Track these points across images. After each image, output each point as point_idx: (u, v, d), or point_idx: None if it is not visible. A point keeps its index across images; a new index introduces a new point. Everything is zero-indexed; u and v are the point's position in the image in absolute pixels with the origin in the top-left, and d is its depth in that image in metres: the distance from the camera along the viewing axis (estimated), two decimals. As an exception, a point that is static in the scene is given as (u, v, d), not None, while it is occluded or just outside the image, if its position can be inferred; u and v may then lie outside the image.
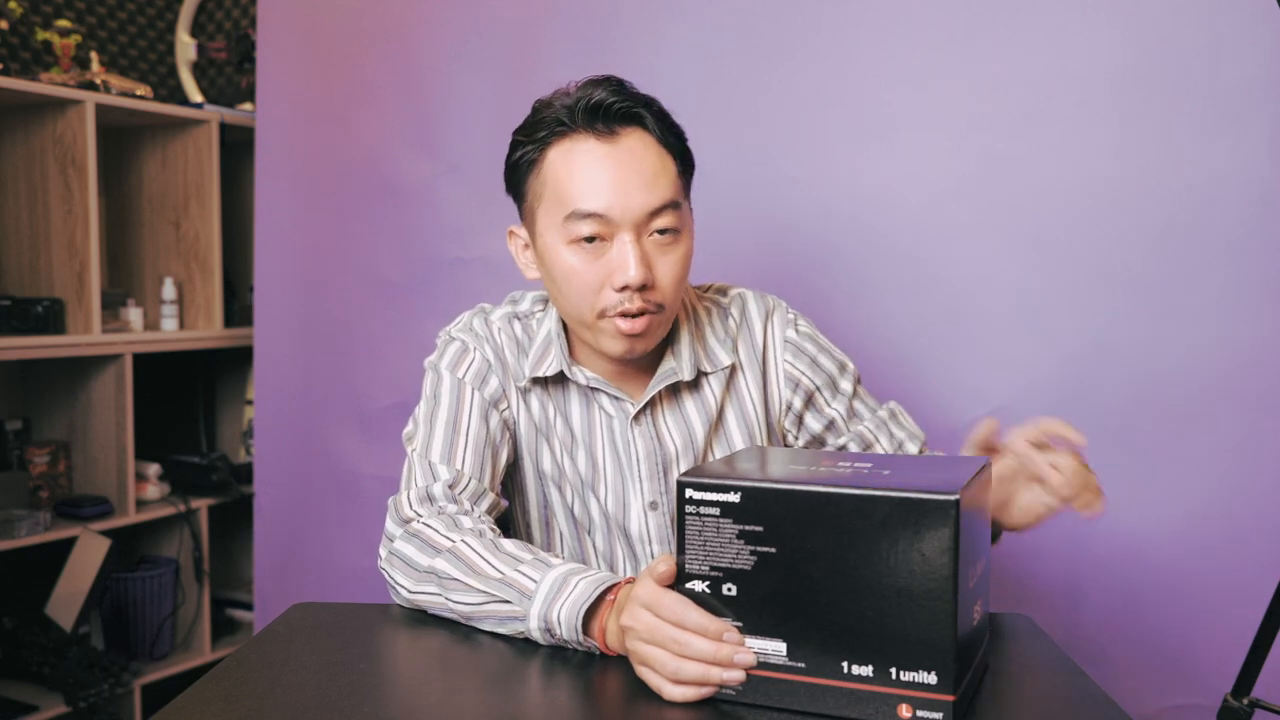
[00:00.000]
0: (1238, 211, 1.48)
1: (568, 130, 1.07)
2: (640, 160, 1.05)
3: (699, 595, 0.80)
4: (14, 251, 2.47)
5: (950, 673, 0.74)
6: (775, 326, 1.21)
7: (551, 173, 1.08)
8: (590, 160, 1.05)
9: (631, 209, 1.05)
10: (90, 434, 2.49)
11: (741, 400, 1.20)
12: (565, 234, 1.07)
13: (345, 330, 2.19)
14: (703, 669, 0.79)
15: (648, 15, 1.84)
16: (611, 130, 1.06)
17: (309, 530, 2.26)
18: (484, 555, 0.97)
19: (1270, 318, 1.47)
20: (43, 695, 2.31)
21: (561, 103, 1.08)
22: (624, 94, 1.07)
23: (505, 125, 2.06)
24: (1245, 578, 1.48)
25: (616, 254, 1.05)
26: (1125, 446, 1.55)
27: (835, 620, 0.76)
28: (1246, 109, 1.46)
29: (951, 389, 1.66)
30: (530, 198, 1.12)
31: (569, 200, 1.06)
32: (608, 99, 1.05)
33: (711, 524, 0.79)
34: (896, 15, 1.65)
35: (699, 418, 1.18)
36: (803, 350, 1.21)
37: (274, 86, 2.28)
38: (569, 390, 1.18)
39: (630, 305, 1.06)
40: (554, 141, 1.08)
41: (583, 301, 1.08)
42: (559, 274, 1.09)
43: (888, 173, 1.67)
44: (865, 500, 0.75)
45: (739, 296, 1.23)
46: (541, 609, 0.90)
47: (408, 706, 0.83)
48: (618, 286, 1.05)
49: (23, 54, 2.63)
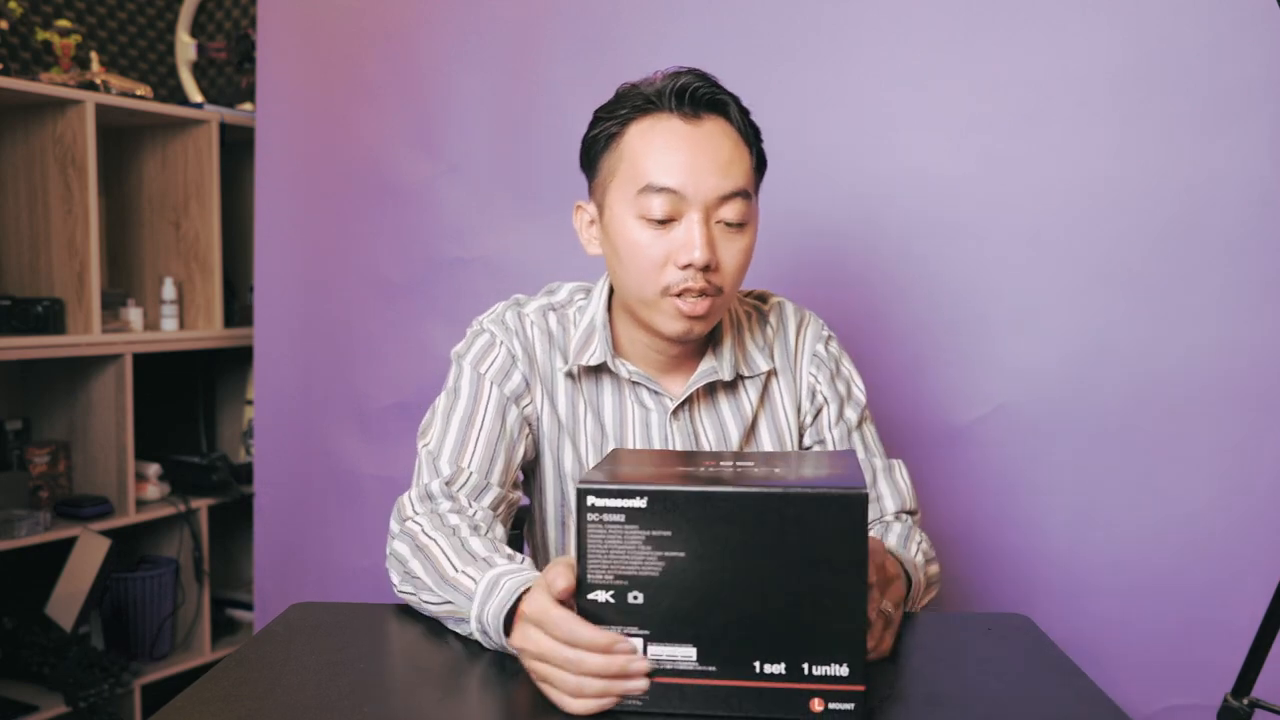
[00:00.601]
0: (1238, 211, 1.48)
1: (652, 108, 1.09)
2: (718, 146, 1.07)
3: (603, 606, 0.78)
4: (14, 251, 2.47)
5: (861, 663, 0.75)
6: (808, 338, 1.23)
7: (630, 147, 1.09)
8: (671, 138, 1.07)
9: (704, 189, 1.06)
10: (90, 434, 2.49)
11: (775, 408, 1.21)
12: (636, 207, 1.08)
13: (345, 330, 2.19)
14: (604, 684, 0.77)
15: (648, 15, 1.84)
16: (696, 113, 1.08)
17: (309, 530, 2.26)
18: (448, 555, 0.98)
19: (1270, 318, 1.47)
20: (43, 695, 2.31)
21: (648, 85, 1.10)
22: (711, 82, 1.10)
23: (505, 125, 2.08)
24: (1245, 578, 1.48)
25: (684, 232, 1.06)
26: (1125, 446, 1.55)
27: (746, 620, 0.76)
28: (1246, 109, 1.46)
29: (951, 389, 1.66)
30: (604, 172, 1.13)
31: (644, 174, 1.07)
32: (695, 83, 1.08)
33: (616, 531, 0.77)
34: (896, 15, 1.65)
35: (734, 421, 1.19)
36: (824, 364, 1.23)
37: (274, 86, 2.28)
38: (603, 384, 1.18)
39: (694, 284, 1.06)
40: (636, 118, 1.09)
41: (646, 278, 1.08)
42: (625, 248, 1.09)
43: (887, 173, 1.67)
44: (778, 498, 0.75)
45: (779, 305, 1.25)
46: (478, 610, 0.90)
47: (408, 706, 0.83)
48: (682, 264, 1.06)
49: (23, 54, 2.63)
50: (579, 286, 1.24)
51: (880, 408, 1.45)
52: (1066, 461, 1.59)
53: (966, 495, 1.65)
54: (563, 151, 1.94)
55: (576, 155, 1.17)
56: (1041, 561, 1.62)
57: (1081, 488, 1.58)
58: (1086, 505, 1.58)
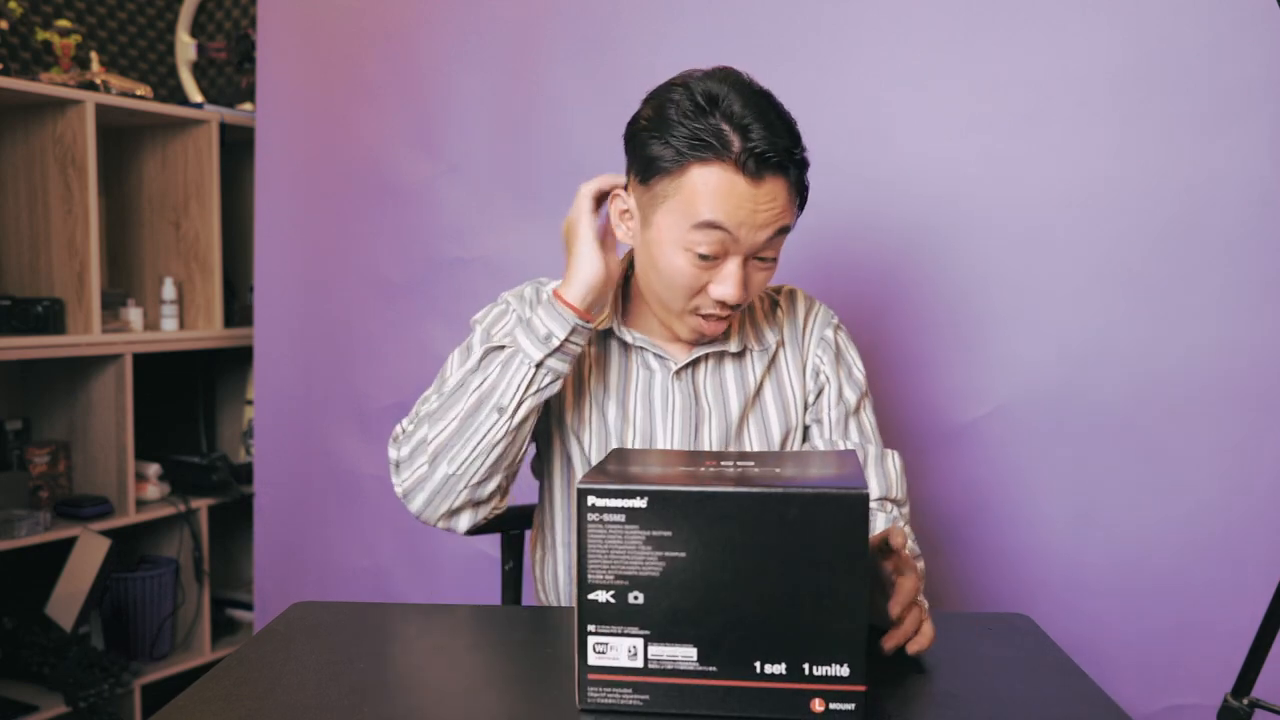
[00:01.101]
0: (1238, 211, 1.48)
1: (719, 157, 1.07)
2: (774, 203, 1.10)
3: (603, 606, 0.78)
4: (14, 251, 2.47)
5: (862, 663, 0.75)
6: (817, 322, 1.29)
7: (691, 187, 1.09)
8: (735, 196, 1.08)
9: (752, 239, 1.11)
10: (90, 434, 2.50)
11: (781, 380, 1.26)
12: (686, 240, 1.11)
13: (345, 330, 2.19)
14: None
15: (648, 15, 1.84)
16: (760, 176, 1.08)
17: (309, 530, 2.26)
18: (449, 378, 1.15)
19: (1270, 318, 1.47)
20: (43, 695, 2.31)
21: (719, 123, 1.07)
22: (777, 148, 1.07)
23: (505, 125, 2.08)
24: (1245, 578, 1.48)
25: (723, 272, 1.12)
26: (1125, 446, 1.55)
27: (747, 621, 0.76)
28: (1246, 109, 1.46)
29: (951, 389, 1.66)
30: (656, 188, 1.12)
31: (703, 213, 1.09)
32: (767, 151, 1.06)
33: (616, 531, 0.77)
34: (896, 15, 1.65)
35: (735, 389, 1.23)
36: (829, 346, 1.28)
37: (274, 86, 2.28)
38: (610, 346, 1.24)
39: (720, 312, 1.15)
40: (703, 160, 1.08)
41: (677, 296, 1.15)
42: (665, 267, 1.14)
43: (887, 173, 1.67)
44: (778, 499, 0.75)
45: (790, 292, 1.32)
46: (524, 329, 1.10)
47: (408, 706, 0.83)
48: (715, 298, 1.13)
49: (23, 54, 2.63)
50: None
51: (880, 407, 1.45)
52: (1066, 461, 1.59)
53: (966, 495, 1.65)
54: (563, 151, 1.94)
55: (576, 155, 1.18)
56: (1041, 561, 1.62)
57: (1081, 488, 1.58)
58: (1086, 505, 1.58)
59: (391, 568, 2.15)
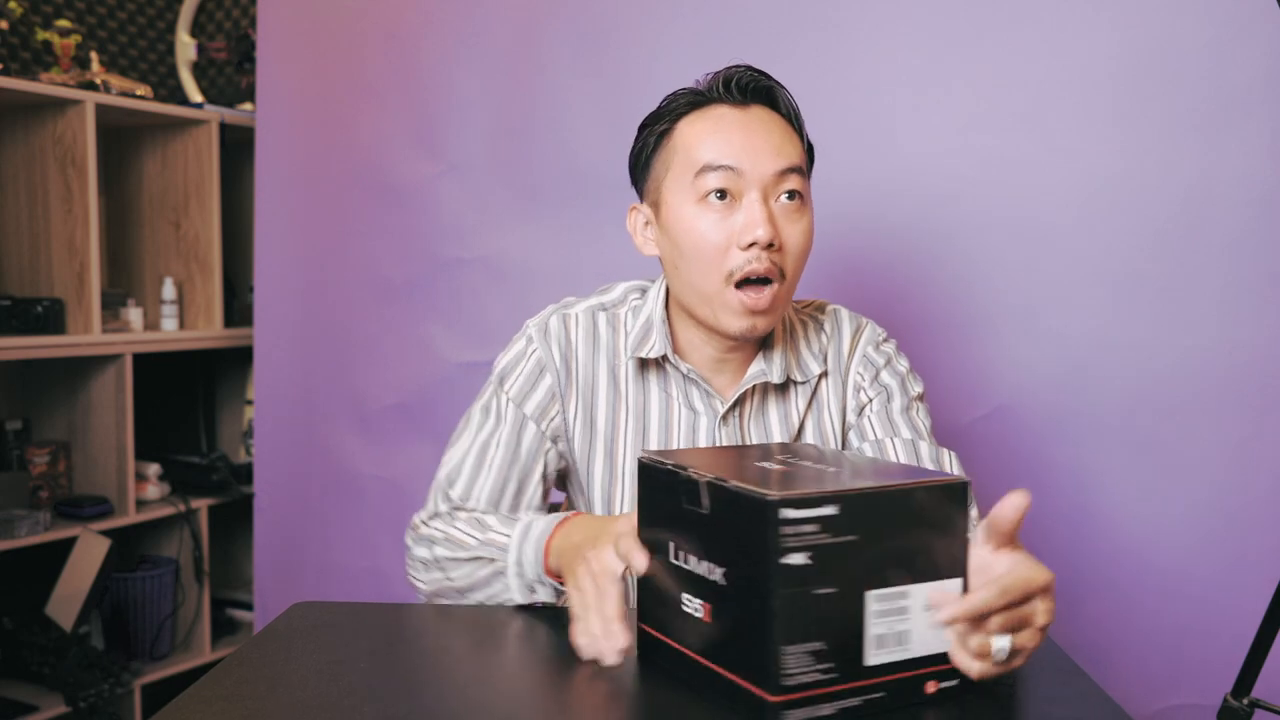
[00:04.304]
0: (1238, 211, 1.48)
1: (701, 101, 1.11)
2: (769, 128, 1.08)
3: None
4: (14, 251, 2.47)
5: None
6: (861, 343, 1.21)
7: (683, 139, 1.10)
8: (723, 122, 1.09)
9: (760, 167, 1.07)
10: (90, 434, 2.50)
11: (820, 413, 1.20)
12: (696, 191, 1.08)
13: (345, 330, 2.19)
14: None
15: (648, 15, 1.84)
16: (744, 101, 1.10)
17: (309, 530, 2.26)
18: (468, 531, 1.07)
19: (1270, 318, 1.47)
20: (43, 695, 2.31)
21: (695, 84, 1.13)
22: (758, 72, 1.12)
23: (505, 125, 2.08)
24: (1245, 578, 1.48)
25: (745, 213, 1.07)
26: (1125, 446, 1.55)
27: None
28: (1246, 109, 1.46)
29: (951, 389, 1.66)
30: (657, 170, 1.13)
31: (700, 156, 1.08)
32: (742, 73, 1.10)
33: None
34: (896, 15, 1.65)
35: (780, 428, 1.18)
36: (871, 364, 1.20)
37: (274, 86, 2.28)
38: (649, 387, 1.17)
39: (759, 264, 1.06)
40: (687, 113, 1.12)
41: (710, 266, 1.07)
42: (686, 238, 1.09)
43: (887, 172, 1.67)
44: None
45: (835, 312, 1.24)
46: (515, 555, 1.00)
47: (408, 706, 0.83)
48: (745, 243, 1.06)
49: (23, 54, 2.63)
50: (634, 286, 1.22)
51: (880, 408, 1.45)
52: (1066, 461, 1.59)
53: (966, 495, 1.65)
54: (563, 151, 1.94)
55: (577, 155, 1.18)
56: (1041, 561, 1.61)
57: (1081, 488, 1.58)
58: (1086, 505, 1.58)
59: (391, 568, 2.15)
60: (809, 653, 0.73)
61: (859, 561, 0.74)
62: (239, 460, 2.80)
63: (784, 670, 0.72)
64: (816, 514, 0.72)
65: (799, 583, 0.72)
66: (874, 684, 0.76)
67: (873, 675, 0.76)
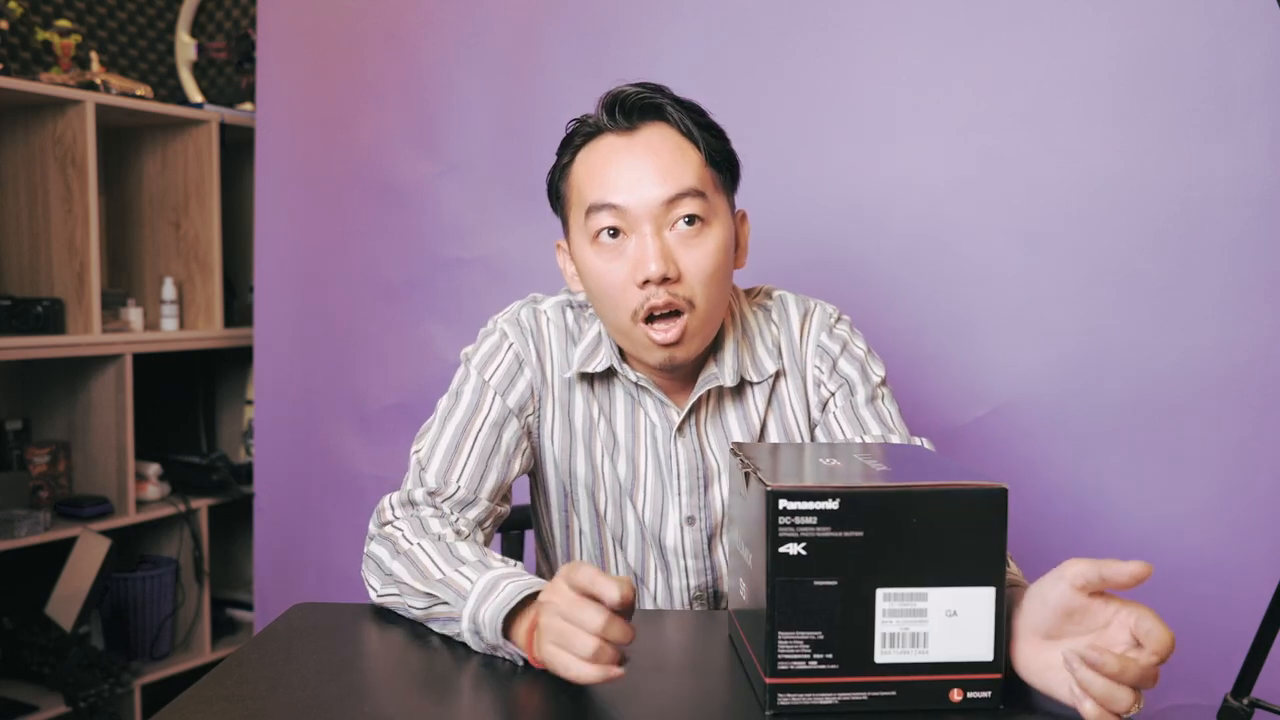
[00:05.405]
0: (1238, 211, 1.48)
1: (594, 132, 1.08)
2: (656, 152, 1.04)
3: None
4: (14, 251, 2.47)
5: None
6: (812, 329, 1.17)
7: (576, 176, 1.08)
8: (609, 154, 1.05)
9: (647, 200, 1.03)
10: (90, 434, 2.50)
11: (783, 410, 1.16)
12: (588, 231, 1.06)
13: (345, 330, 2.19)
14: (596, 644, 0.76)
15: (648, 15, 1.84)
16: (630, 125, 1.06)
17: (309, 530, 2.26)
18: (434, 559, 0.96)
19: (1270, 318, 1.47)
20: (43, 695, 2.31)
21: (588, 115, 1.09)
22: (644, 87, 1.07)
23: (505, 125, 2.07)
24: (1245, 578, 1.48)
25: (635, 249, 1.04)
26: (1125, 446, 1.55)
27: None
28: (1246, 109, 1.46)
29: (951, 389, 1.66)
30: (565, 206, 1.12)
31: (588, 196, 1.06)
32: (625, 92, 1.06)
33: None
34: (896, 15, 1.65)
35: (740, 431, 1.15)
36: (827, 354, 1.16)
37: (274, 86, 2.28)
38: (615, 391, 1.15)
39: (657, 300, 1.03)
40: (582, 145, 1.08)
41: (615, 305, 1.05)
42: (589, 280, 1.08)
43: (887, 172, 1.67)
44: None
45: (780, 299, 1.19)
46: (473, 609, 0.88)
47: (408, 706, 0.83)
48: (639, 281, 1.03)
49: (23, 54, 2.63)
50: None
51: (880, 408, 1.44)
52: (1066, 461, 1.59)
53: (966, 495, 1.65)
54: (563, 151, 1.94)
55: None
56: (1042, 561, 1.61)
57: (1081, 488, 1.58)
58: (1086, 505, 1.58)
59: (391, 568, 2.15)
60: (806, 641, 0.75)
61: (866, 558, 0.74)
62: (239, 460, 2.80)
63: (780, 655, 0.75)
64: (815, 507, 0.74)
65: (795, 572, 0.74)
66: (883, 682, 0.76)
67: (883, 673, 0.76)
